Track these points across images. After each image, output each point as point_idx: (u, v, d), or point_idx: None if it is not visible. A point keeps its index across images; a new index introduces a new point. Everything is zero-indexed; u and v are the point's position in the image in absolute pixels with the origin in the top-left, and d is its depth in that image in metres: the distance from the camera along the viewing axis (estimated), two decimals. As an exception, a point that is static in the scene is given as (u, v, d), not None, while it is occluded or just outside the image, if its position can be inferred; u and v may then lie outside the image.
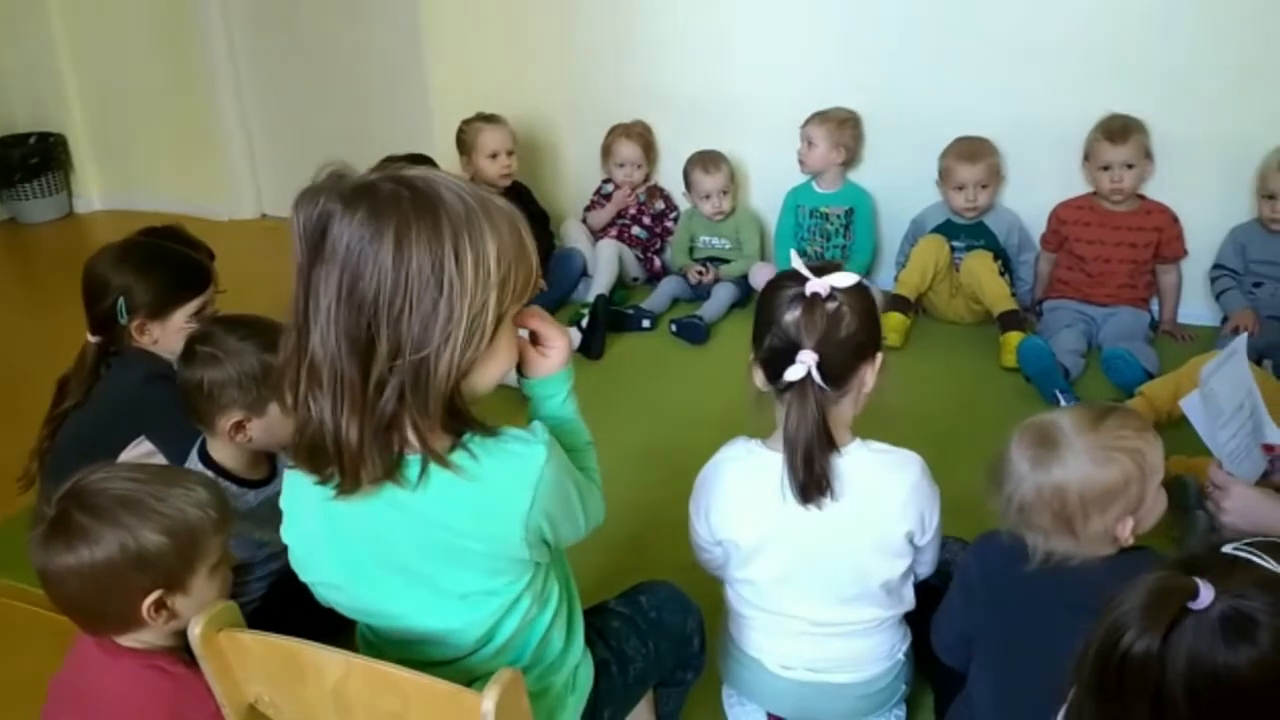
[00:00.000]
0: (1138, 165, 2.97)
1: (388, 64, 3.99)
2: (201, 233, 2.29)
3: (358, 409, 0.99)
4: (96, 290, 1.98)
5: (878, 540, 1.44)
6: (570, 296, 3.45)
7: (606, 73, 3.67)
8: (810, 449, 1.35)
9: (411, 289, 0.96)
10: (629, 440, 2.60)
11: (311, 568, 1.18)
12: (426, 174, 1.00)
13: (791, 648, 1.51)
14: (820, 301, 1.33)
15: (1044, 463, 1.28)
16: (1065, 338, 2.92)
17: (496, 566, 1.09)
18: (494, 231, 1.00)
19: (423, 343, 0.98)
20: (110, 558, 1.22)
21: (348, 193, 0.97)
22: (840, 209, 3.36)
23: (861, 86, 3.35)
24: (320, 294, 0.98)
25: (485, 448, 1.06)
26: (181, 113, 4.45)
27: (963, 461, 2.37)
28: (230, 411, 1.62)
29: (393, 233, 0.96)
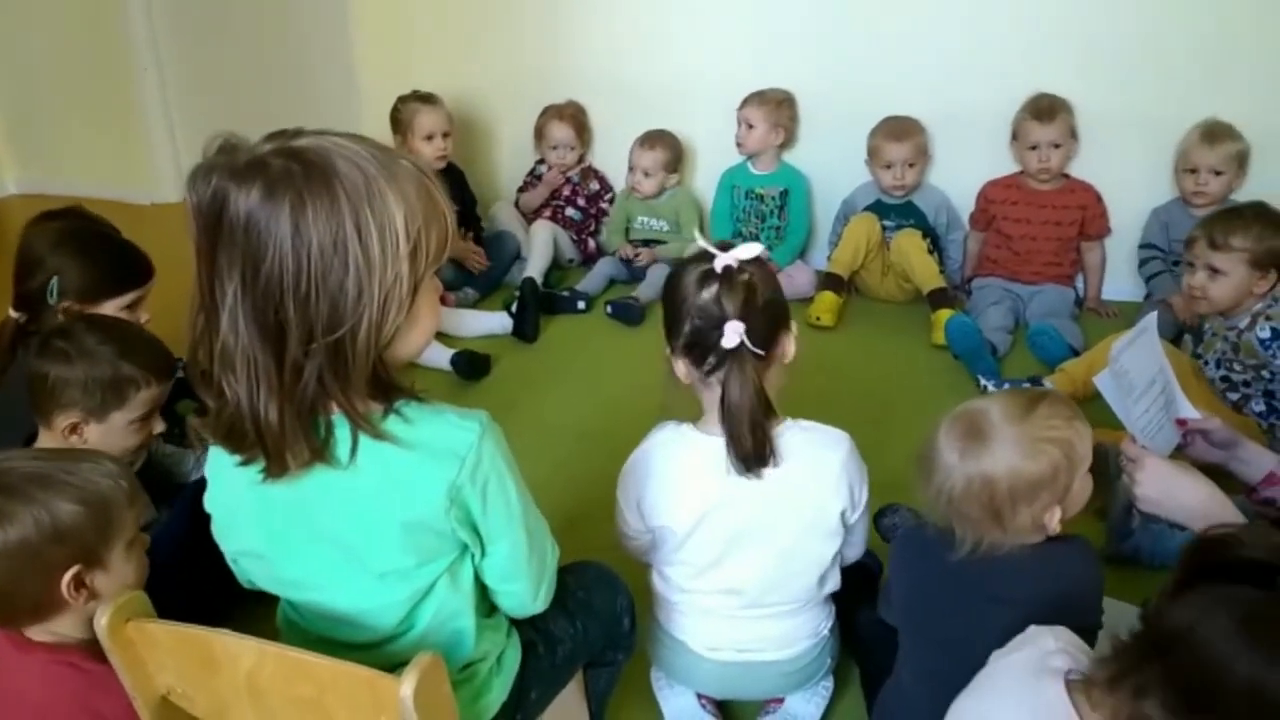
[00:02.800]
0: (1064, 145, 3.03)
1: (314, 43, 3.90)
2: (123, 216, 2.22)
3: (276, 393, 0.97)
4: (29, 266, 1.92)
5: (812, 518, 1.45)
6: (504, 279, 3.41)
7: (541, 53, 3.63)
8: (755, 416, 1.36)
9: (315, 270, 0.93)
10: (563, 421, 2.59)
11: (234, 537, 1.16)
12: (320, 143, 0.96)
13: (720, 630, 1.51)
14: (734, 273, 1.35)
15: (973, 454, 1.28)
16: (992, 315, 2.97)
17: (418, 541, 1.07)
18: (399, 196, 0.96)
19: (335, 323, 0.95)
20: (25, 536, 1.19)
21: (240, 169, 0.94)
22: (775, 190, 3.37)
23: (796, 67, 3.35)
24: (225, 278, 0.95)
25: (421, 413, 1.04)
26: (100, 93, 4.30)
27: (897, 439, 2.41)
28: (69, 412, 1.59)
29: (288, 213, 0.92)
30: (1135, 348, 1.61)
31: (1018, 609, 1.22)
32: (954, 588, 1.34)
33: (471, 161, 3.71)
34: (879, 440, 2.44)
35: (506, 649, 1.22)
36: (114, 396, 1.59)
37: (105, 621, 1.07)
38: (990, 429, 1.28)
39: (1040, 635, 1.11)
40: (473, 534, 1.10)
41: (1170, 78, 3.01)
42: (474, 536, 1.10)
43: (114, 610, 1.07)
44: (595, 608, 1.38)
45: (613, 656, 1.46)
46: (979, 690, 1.13)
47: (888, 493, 2.18)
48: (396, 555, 1.07)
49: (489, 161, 3.84)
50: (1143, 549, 1.93)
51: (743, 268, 1.35)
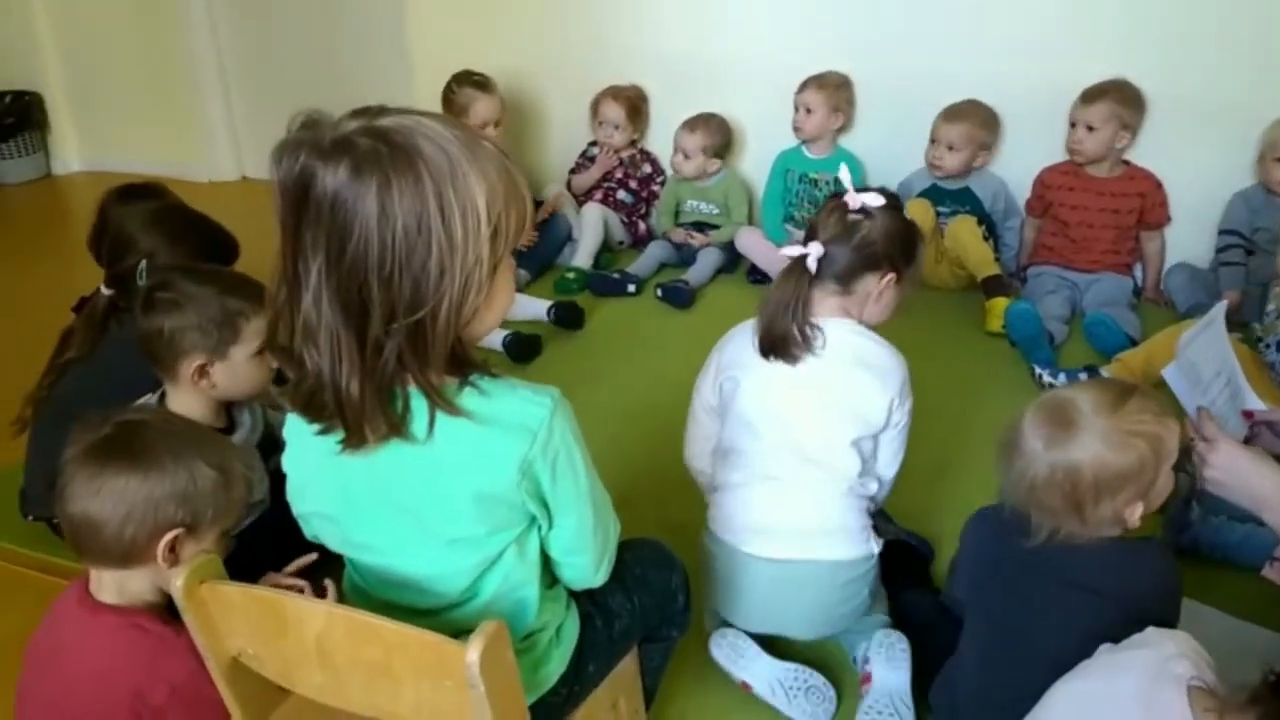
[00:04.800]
0: (1101, 129, 2.95)
1: (368, 22, 3.95)
2: (181, 194, 2.27)
3: (357, 369, 0.98)
4: (122, 246, 1.97)
5: (856, 399, 1.57)
6: (555, 261, 3.42)
7: (594, 34, 3.63)
8: (780, 318, 1.54)
9: (399, 250, 0.94)
10: (613, 402, 2.60)
11: (307, 499, 1.18)
12: (405, 123, 0.96)
13: (775, 508, 1.59)
14: (846, 210, 1.54)
15: (1060, 442, 1.27)
16: (1049, 304, 2.92)
17: (488, 511, 1.09)
18: (481, 177, 0.97)
19: (417, 303, 0.96)
20: (155, 489, 1.24)
21: (326, 147, 0.94)
22: (830, 175, 3.34)
23: (853, 51, 3.32)
24: (309, 255, 0.96)
25: (495, 388, 1.06)
26: (160, 72, 4.38)
27: (949, 427, 2.41)
28: (192, 356, 1.63)
29: (375, 193, 0.93)
30: (1202, 340, 1.59)
31: (1099, 599, 1.22)
32: (1029, 571, 1.33)
33: (523, 142, 3.73)
34: (931, 427, 2.44)
35: (566, 620, 1.23)
36: (229, 331, 1.63)
37: (181, 583, 1.10)
38: (1079, 418, 1.27)
39: (1161, 638, 1.10)
40: (541, 506, 1.11)
41: (1241, 65, 2.93)
42: (542, 509, 1.12)
43: (190, 571, 1.10)
44: (651, 584, 1.39)
45: (667, 632, 1.47)
46: (1087, 677, 1.12)
47: (938, 480, 2.18)
48: (467, 524, 1.09)
49: (540, 142, 3.85)
50: (1201, 542, 1.90)
51: (862, 209, 1.53)
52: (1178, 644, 1.08)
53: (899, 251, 1.58)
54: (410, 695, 1.04)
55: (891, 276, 1.58)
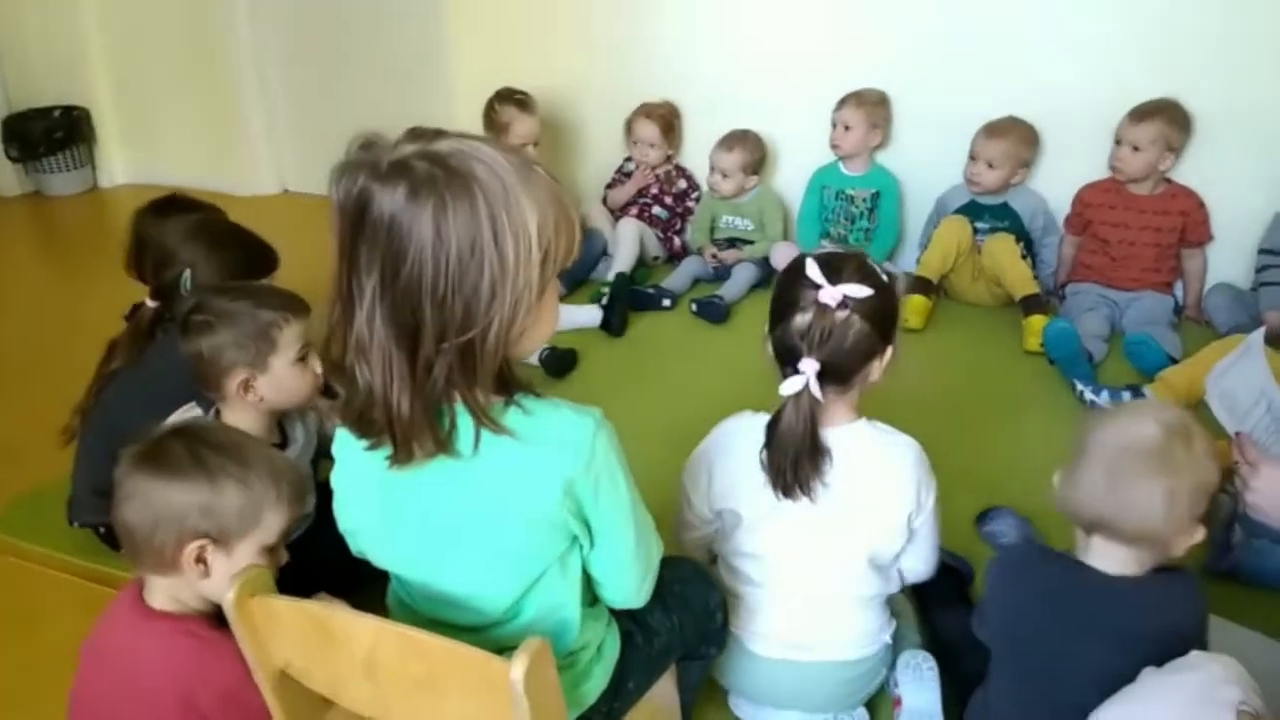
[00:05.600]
0: (1146, 150, 2.92)
1: (410, 40, 4.00)
2: (224, 206, 2.32)
3: (408, 387, 1.00)
4: (164, 259, 2.01)
5: (875, 518, 1.46)
6: (590, 276, 3.44)
7: (629, 50, 3.66)
8: (799, 456, 1.37)
9: (452, 273, 0.96)
10: (648, 419, 2.57)
11: (353, 514, 1.20)
12: (460, 148, 0.98)
13: (784, 624, 1.51)
14: (831, 311, 1.34)
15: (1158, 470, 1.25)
16: (1088, 322, 2.90)
17: (532, 531, 1.10)
18: (534, 203, 0.99)
19: (468, 325, 0.98)
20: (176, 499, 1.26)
21: (384, 172, 0.97)
22: (866, 192, 3.35)
23: (890, 67, 3.32)
24: (364, 274, 0.98)
25: (539, 407, 1.08)
26: (205, 88, 4.47)
27: (988, 445, 2.40)
28: (234, 372, 1.67)
29: (430, 216, 0.95)
30: (1239, 369, 1.58)
31: (1136, 642, 1.20)
32: (1062, 616, 1.31)
33: (559, 159, 3.76)
34: (969, 445, 2.44)
35: (607, 638, 1.24)
36: (265, 343, 1.67)
37: (232, 596, 1.12)
38: (1158, 448, 1.25)
39: (1207, 662, 1.09)
40: (584, 526, 1.13)
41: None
42: (585, 528, 1.13)
43: (240, 585, 1.12)
44: (691, 602, 1.40)
45: (705, 650, 1.47)
46: (1134, 701, 1.11)
47: (975, 494, 2.16)
48: (510, 543, 1.10)
49: (576, 158, 3.88)
50: (1242, 565, 1.87)
51: (845, 303, 1.33)
52: (1225, 668, 1.07)
53: (889, 326, 1.41)
54: (455, 710, 1.05)
55: (889, 350, 1.43)
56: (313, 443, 1.86)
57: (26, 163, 4.53)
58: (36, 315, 3.43)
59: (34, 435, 2.11)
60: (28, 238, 4.37)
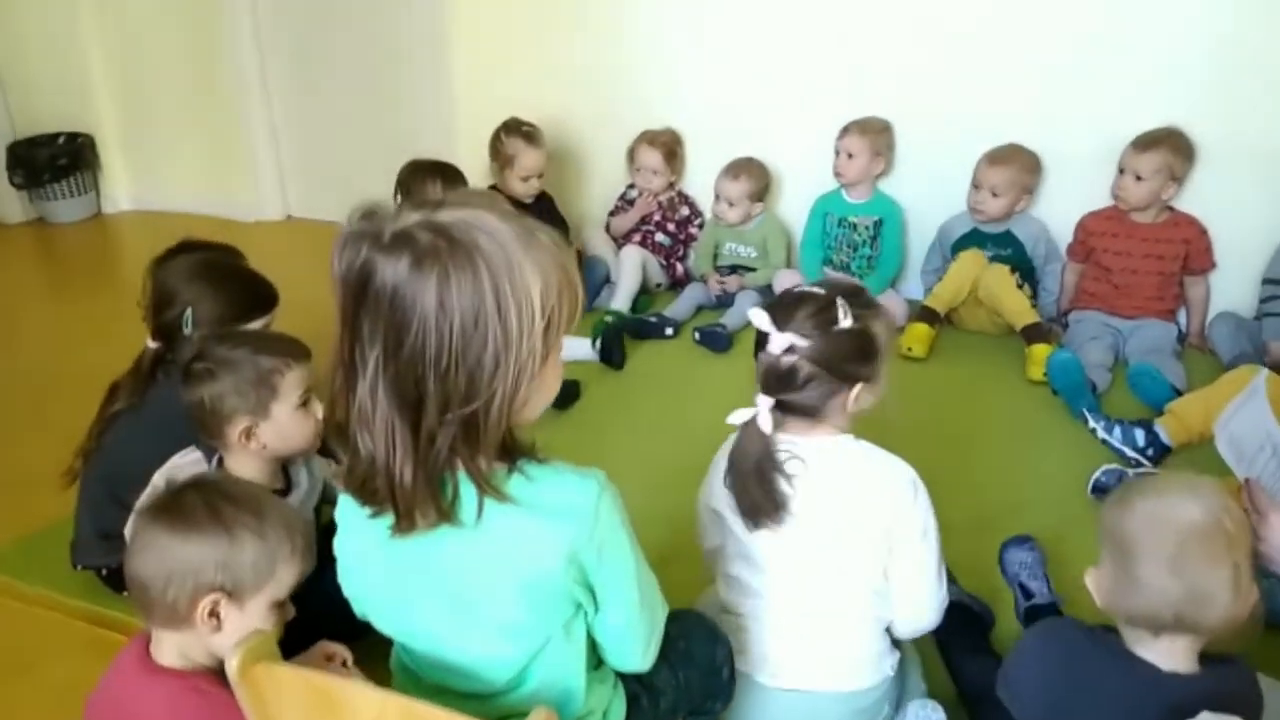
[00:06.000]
0: (1150, 180, 2.93)
1: (415, 68, 4.00)
2: (228, 234, 2.33)
3: (410, 457, 1.00)
4: (164, 299, 2.01)
5: (857, 531, 1.45)
6: (593, 304, 3.44)
7: (633, 79, 3.67)
8: (760, 474, 1.40)
9: (456, 345, 0.96)
10: (652, 452, 2.58)
11: (357, 582, 1.20)
12: (463, 218, 0.98)
13: (780, 647, 1.51)
14: (777, 357, 1.38)
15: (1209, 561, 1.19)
16: (1091, 351, 2.89)
17: (536, 599, 1.10)
18: (537, 271, 0.99)
19: (471, 396, 0.98)
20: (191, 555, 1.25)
21: (387, 242, 0.97)
22: (869, 219, 3.35)
23: (892, 94, 3.33)
24: (366, 345, 0.98)
25: (542, 473, 1.07)
26: (209, 114, 4.47)
27: (992, 479, 2.38)
28: (236, 420, 1.67)
29: (434, 288, 0.95)
30: (1244, 414, 1.58)
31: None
32: (1108, 711, 1.26)
33: (562, 185, 3.76)
34: (976, 478, 2.43)
35: (613, 701, 1.24)
36: (266, 390, 1.66)
37: (236, 663, 1.11)
38: (1214, 529, 1.20)
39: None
40: (588, 592, 1.12)
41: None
42: (589, 595, 1.13)
43: (244, 653, 1.11)
44: (696, 658, 1.39)
45: (711, 705, 1.46)
46: None
47: (984, 528, 2.14)
48: (514, 612, 1.10)
49: (579, 185, 3.89)
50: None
51: (791, 349, 1.36)
52: None
53: (850, 367, 1.40)
54: (461, 782, 1.05)
55: (858, 388, 1.42)
56: (317, 488, 1.85)
57: (31, 190, 4.53)
58: (40, 346, 3.43)
59: (38, 473, 2.10)
60: (32, 266, 4.37)
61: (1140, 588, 1.22)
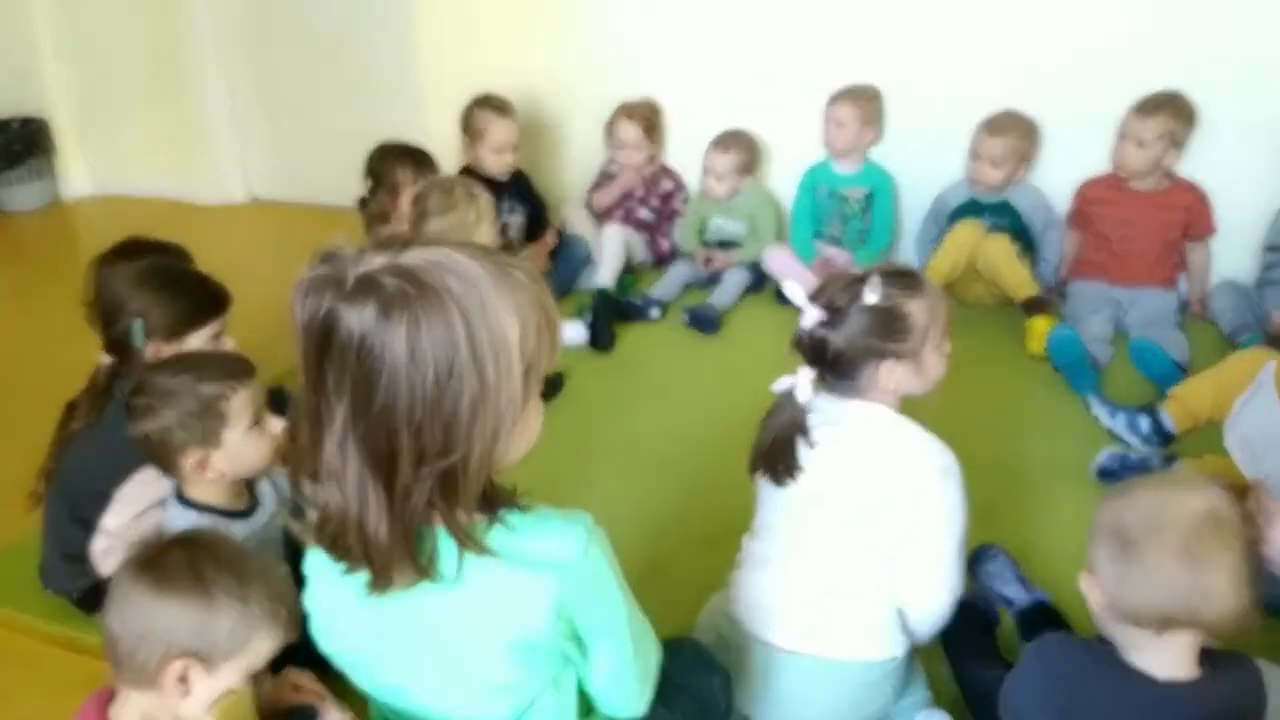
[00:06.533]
0: (1152, 146, 2.85)
1: (380, 44, 3.86)
2: (191, 217, 2.24)
3: (385, 513, 0.93)
4: (112, 311, 1.93)
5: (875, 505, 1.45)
6: (574, 285, 3.33)
7: (610, 48, 3.53)
8: (780, 442, 1.45)
9: (430, 397, 0.89)
10: (641, 447, 2.49)
11: (332, 639, 1.13)
12: (432, 259, 0.91)
13: (789, 604, 1.49)
14: (807, 330, 1.44)
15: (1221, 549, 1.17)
16: (1092, 324, 2.81)
17: (523, 655, 1.03)
18: (513, 312, 0.92)
19: (448, 449, 0.92)
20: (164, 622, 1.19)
21: (351, 289, 0.89)
22: (860, 191, 3.25)
23: (881, 61, 3.21)
24: (332, 398, 0.91)
25: (524, 523, 1.01)
26: (167, 95, 4.31)
27: (994, 462, 2.31)
28: (186, 452, 1.59)
29: (403, 338, 0.88)
30: (1252, 408, 1.52)
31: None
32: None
33: (540, 161, 3.64)
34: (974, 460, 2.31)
35: (608, 746, 1.16)
36: (213, 419, 1.59)
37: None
38: (1221, 518, 1.19)
39: None
40: (577, 643, 1.06)
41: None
42: (579, 646, 1.06)
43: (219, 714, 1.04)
44: (693, 692, 1.32)
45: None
46: None
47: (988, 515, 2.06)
48: (502, 671, 1.03)
49: (558, 160, 3.75)
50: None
51: (821, 323, 1.42)
52: None
53: (875, 342, 1.44)
54: None
55: (890, 363, 1.46)
56: (285, 504, 1.76)
57: (-15, 177, 4.37)
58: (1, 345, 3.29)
59: (6, 485, 2.01)
60: (-11, 255, 4.21)
61: (1147, 579, 1.19)
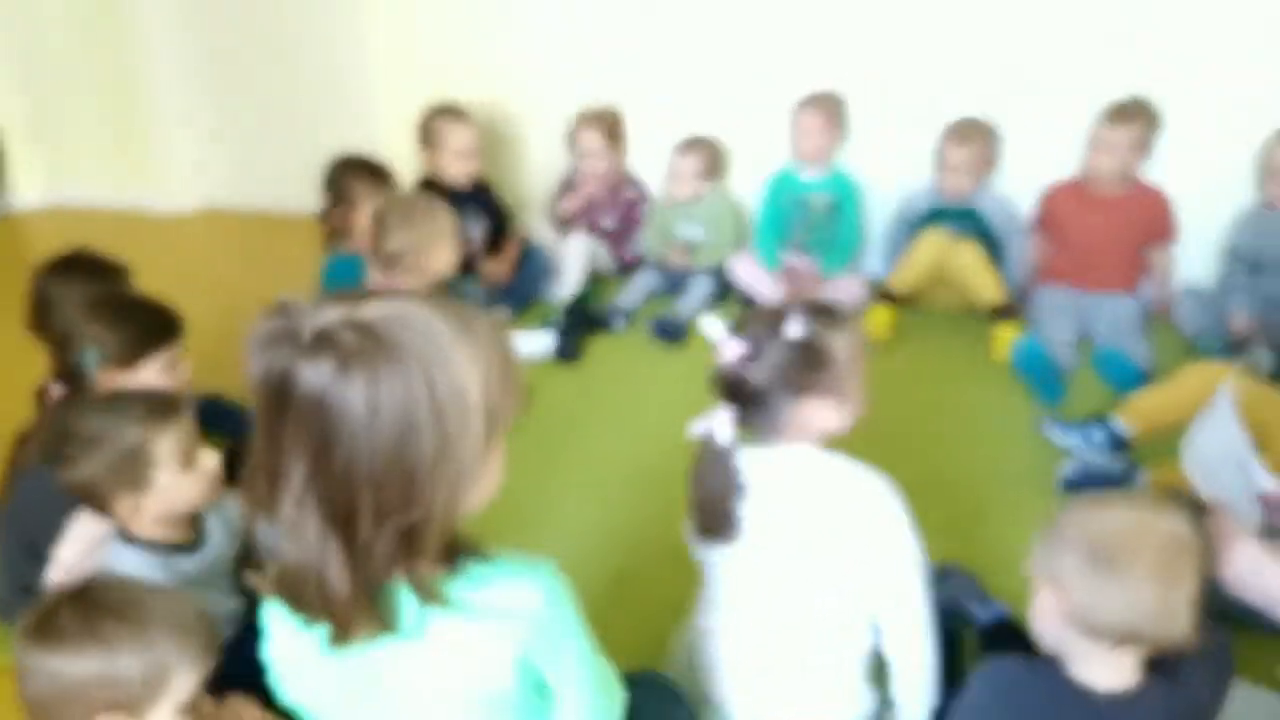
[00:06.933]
0: (1126, 155, 2.87)
1: (328, 47, 3.79)
2: (144, 226, 2.20)
3: (344, 569, 0.91)
4: (64, 339, 1.92)
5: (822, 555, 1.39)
6: (535, 295, 3.28)
7: (571, 56, 3.48)
8: (714, 494, 1.39)
9: (389, 454, 0.87)
10: (610, 459, 2.47)
11: (294, 691, 1.09)
12: (389, 313, 0.88)
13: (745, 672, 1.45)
14: (726, 365, 1.38)
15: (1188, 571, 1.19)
16: (1056, 329, 2.82)
17: (489, 709, 1.02)
18: (474, 364, 0.90)
19: (409, 504, 0.89)
20: (76, 672, 1.16)
21: (308, 344, 0.86)
22: (826, 198, 3.22)
23: (845, 66, 3.20)
24: (290, 454, 0.88)
25: (486, 573, 0.98)
26: (119, 104, 4.21)
27: (957, 471, 2.30)
28: (117, 496, 1.54)
29: (361, 394, 0.86)
30: (1209, 427, 1.52)
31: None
32: None
33: (502, 171, 3.59)
34: (940, 474, 2.34)
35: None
36: (140, 463, 1.53)
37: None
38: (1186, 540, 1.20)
39: None
40: (541, 693, 1.04)
41: (1246, 78, 2.83)
42: (543, 696, 1.04)
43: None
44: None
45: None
46: None
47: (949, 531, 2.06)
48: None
49: (520, 169, 3.70)
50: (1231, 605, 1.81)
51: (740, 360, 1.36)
52: None
53: (797, 377, 1.37)
54: None
55: (813, 400, 1.38)
56: (235, 536, 1.70)
57: (-68, 189, 4.25)
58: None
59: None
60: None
61: (1123, 595, 1.17)
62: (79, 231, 3.99)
